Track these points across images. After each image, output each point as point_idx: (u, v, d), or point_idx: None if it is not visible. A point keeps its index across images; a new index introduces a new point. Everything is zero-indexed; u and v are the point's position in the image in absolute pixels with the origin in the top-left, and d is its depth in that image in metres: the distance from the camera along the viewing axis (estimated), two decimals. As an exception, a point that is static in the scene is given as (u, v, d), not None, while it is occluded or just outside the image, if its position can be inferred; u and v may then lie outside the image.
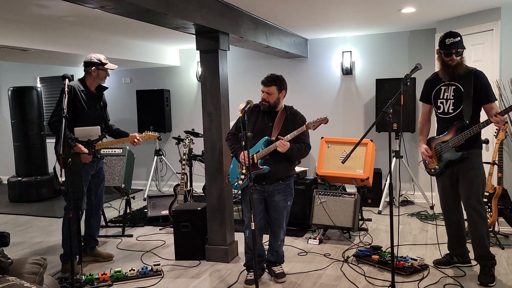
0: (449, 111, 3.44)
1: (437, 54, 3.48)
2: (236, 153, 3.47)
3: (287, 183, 3.48)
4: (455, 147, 3.38)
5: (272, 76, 3.41)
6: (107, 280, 3.61)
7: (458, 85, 3.39)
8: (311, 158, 6.37)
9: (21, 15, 4.26)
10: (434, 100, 3.55)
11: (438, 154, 3.53)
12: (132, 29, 5.07)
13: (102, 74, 3.92)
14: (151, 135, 4.19)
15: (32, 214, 6.00)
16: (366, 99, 6.16)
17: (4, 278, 2.20)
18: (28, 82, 8.02)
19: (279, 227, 3.53)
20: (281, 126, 3.42)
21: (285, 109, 3.50)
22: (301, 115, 3.52)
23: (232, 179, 3.53)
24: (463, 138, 3.32)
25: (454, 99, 3.40)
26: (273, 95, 3.39)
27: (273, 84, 3.37)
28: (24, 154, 6.93)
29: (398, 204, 5.66)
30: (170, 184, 7.14)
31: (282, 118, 3.44)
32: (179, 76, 7.21)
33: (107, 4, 2.77)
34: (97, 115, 3.95)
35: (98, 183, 4.09)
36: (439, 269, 3.65)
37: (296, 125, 3.41)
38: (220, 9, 3.79)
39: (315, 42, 6.34)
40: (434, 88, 3.53)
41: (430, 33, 5.58)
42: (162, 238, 4.77)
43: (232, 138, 3.55)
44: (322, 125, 3.37)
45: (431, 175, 3.66)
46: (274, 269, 3.63)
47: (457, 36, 3.31)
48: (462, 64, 3.35)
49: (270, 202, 3.48)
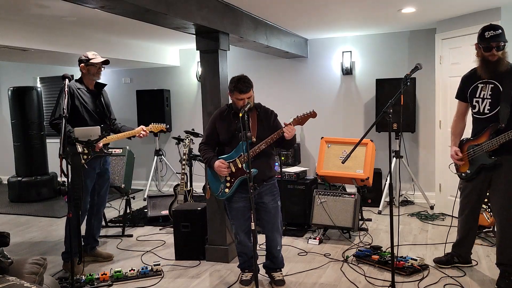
0: (484, 111, 3.23)
1: (475, 49, 3.23)
2: (210, 162, 3.31)
3: (271, 182, 3.39)
4: (488, 151, 3.18)
5: (246, 80, 3.24)
6: (107, 280, 3.62)
7: (497, 83, 3.15)
8: (311, 158, 6.38)
9: (21, 15, 4.26)
10: (470, 99, 3.33)
11: (470, 158, 3.32)
12: (132, 29, 5.07)
13: (92, 70, 3.88)
14: (159, 127, 4.16)
15: (32, 214, 6.00)
16: (366, 99, 6.16)
17: (4, 278, 2.20)
18: (28, 82, 8.02)
19: (273, 229, 3.40)
20: (256, 125, 3.31)
21: (255, 107, 3.36)
22: (271, 110, 3.44)
23: (215, 189, 3.39)
24: (497, 143, 3.09)
25: (491, 98, 3.17)
26: (251, 97, 3.26)
27: (250, 88, 3.24)
28: (24, 154, 6.93)
29: (398, 204, 5.66)
30: (170, 184, 7.13)
31: (254, 118, 3.32)
32: (179, 76, 7.21)
33: (107, 4, 2.77)
34: (98, 112, 3.95)
35: (102, 183, 4.08)
36: (439, 269, 3.65)
37: (270, 121, 3.35)
38: (220, 9, 3.79)
39: (315, 42, 6.34)
40: (471, 86, 3.31)
41: (430, 33, 5.57)
42: (162, 238, 4.77)
43: (204, 148, 3.40)
44: (322, 125, 3.34)
45: (461, 178, 3.46)
46: (273, 275, 3.50)
47: (498, 29, 3.07)
48: (503, 60, 3.11)
49: (260, 206, 3.35)
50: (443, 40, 5.12)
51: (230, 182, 3.32)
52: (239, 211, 3.36)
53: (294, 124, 3.24)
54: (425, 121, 5.88)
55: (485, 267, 3.66)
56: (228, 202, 3.42)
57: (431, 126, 5.72)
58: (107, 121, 4.04)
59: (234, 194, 3.34)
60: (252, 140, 3.24)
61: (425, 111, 5.86)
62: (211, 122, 3.44)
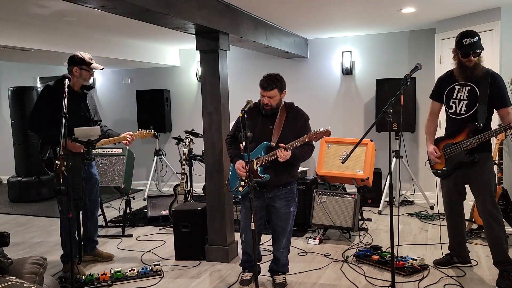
0: (461, 112, 3.34)
1: (453, 53, 3.35)
2: (232, 159, 3.33)
3: (288, 188, 3.31)
4: (466, 150, 3.28)
5: (271, 78, 3.18)
6: (107, 280, 3.61)
7: (473, 86, 3.27)
8: (311, 158, 6.35)
9: (21, 15, 4.26)
10: (446, 99, 3.44)
11: (446, 155, 3.43)
12: (132, 29, 5.07)
13: (85, 74, 3.69)
14: (146, 133, 4.03)
15: (32, 214, 6.00)
16: (366, 99, 6.16)
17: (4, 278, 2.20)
18: (28, 82, 8.02)
19: (281, 234, 3.36)
20: (281, 129, 3.22)
21: (285, 108, 3.29)
22: (303, 113, 3.32)
23: (232, 185, 3.40)
24: (476, 142, 3.21)
25: (468, 100, 3.29)
26: (275, 98, 3.18)
27: (274, 87, 3.16)
28: (24, 154, 6.93)
29: (398, 204, 5.66)
30: (170, 184, 7.13)
31: (282, 120, 3.24)
32: (179, 76, 7.21)
33: (107, 4, 2.77)
34: (81, 115, 3.77)
35: (91, 187, 3.98)
36: (439, 269, 3.65)
37: (297, 126, 3.24)
38: (220, 9, 3.79)
39: (315, 42, 6.34)
40: (448, 87, 3.42)
41: (430, 33, 5.57)
42: (162, 238, 4.77)
43: (230, 141, 3.40)
44: (322, 125, 3.30)
45: (437, 176, 3.57)
46: (275, 278, 3.47)
47: (475, 36, 3.19)
48: (479, 65, 3.25)
49: (272, 209, 3.33)
50: (443, 40, 5.12)
51: (245, 182, 3.30)
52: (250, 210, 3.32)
53: (308, 139, 3.12)
54: (425, 121, 5.84)
55: (485, 267, 3.66)
56: (242, 200, 3.42)
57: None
58: (90, 124, 3.84)
59: (247, 194, 3.28)
60: (271, 144, 3.19)
61: (425, 111, 5.81)
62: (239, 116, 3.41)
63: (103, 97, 7.62)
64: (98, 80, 7.66)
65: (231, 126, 3.60)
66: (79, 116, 3.73)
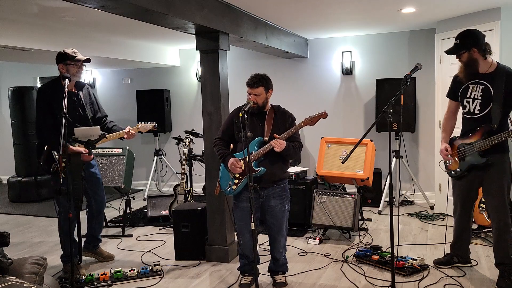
0: (474, 112, 3.26)
1: None
2: (224, 159, 3.34)
3: (282, 186, 3.36)
4: (479, 151, 3.22)
5: (257, 77, 3.27)
6: (107, 280, 3.62)
7: (487, 84, 3.19)
8: (311, 158, 6.38)
9: (21, 15, 4.26)
10: (461, 98, 3.37)
11: (461, 156, 3.36)
12: (132, 29, 5.07)
13: (73, 69, 3.60)
14: (147, 127, 3.93)
15: (32, 214, 6.00)
16: (366, 99, 6.16)
17: (4, 278, 2.20)
18: (28, 82, 8.01)
19: (278, 233, 3.38)
20: (271, 126, 3.31)
21: (273, 108, 3.40)
22: (290, 113, 3.42)
23: (224, 185, 3.40)
24: (489, 144, 3.14)
25: (481, 99, 3.21)
26: (261, 95, 3.27)
27: (260, 85, 3.25)
28: (24, 154, 6.93)
29: (398, 204, 5.66)
30: (170, 184, 7.14)
31: (271, 118, 3.34)
32: (179, 76, 7.21)
33: (107, 4, 2.77)
34: (77, 115, 3.73)
35: (93, 187, 3.95)
36: (439, 269, 3.65)
37: (286, 124, 3.33)
38: (220, 9, 3.79)
39: (315, 42, 6.34)
40: (462, 85, 3.35)
41: (430, 33, 5.57)
42: (162, 238, 4.77)
43: (219, 143, 3.41)
44: (322, 125, 3.33)
45: (451, 176, 3.50)
46: (275, 278, 3.49)
47: (457, 39, 3.21)
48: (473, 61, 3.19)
49: (267, 208, 3.35)
50: (443, 40, 5.12)
51: (239, 179, 3.31)
52: (246, 211, 3.32)
53: (304, 124, 3.25)
54: (425, 121, 5.88)
55: (485, 267, 3.66)
56: (235, 201, 3.41)
57: (431, 126, 5.72)
58: (88, 123, 3.80)
59: (241, 193, 3.32)
60: (264, 139, 3.27)
61: (425, 111, 5.86)
62: (228, 118, 3.45)
63: (103, 97, 7.61)
64: (98, 80, 7.66)
65: None
66: (73, 116, 3.67)
